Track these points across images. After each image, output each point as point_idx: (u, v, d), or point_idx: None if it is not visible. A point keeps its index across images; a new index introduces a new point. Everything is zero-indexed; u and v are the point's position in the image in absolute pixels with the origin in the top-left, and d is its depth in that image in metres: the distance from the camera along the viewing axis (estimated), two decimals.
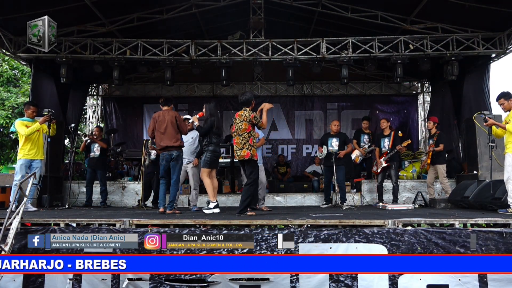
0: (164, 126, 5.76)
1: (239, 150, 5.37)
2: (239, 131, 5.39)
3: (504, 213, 5.11)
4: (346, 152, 7.45)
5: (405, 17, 8.61)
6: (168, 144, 5.73)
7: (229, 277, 4.01)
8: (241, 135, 5.37)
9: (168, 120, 5.78)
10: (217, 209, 5.65)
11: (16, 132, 6.46)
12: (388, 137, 7.53)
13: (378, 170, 7.55)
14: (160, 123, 5.79)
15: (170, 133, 5.75)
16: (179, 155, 5.84)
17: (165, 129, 5.75)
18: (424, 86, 11.95)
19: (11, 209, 4.40)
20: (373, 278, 3.94)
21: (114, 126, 11.72)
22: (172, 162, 5.80)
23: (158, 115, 5.88)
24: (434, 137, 7.53)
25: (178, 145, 5.82)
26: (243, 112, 5.45)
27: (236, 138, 5.41)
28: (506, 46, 8.40)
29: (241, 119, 5.40)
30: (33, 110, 6.49)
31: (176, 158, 5.80)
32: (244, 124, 5.36)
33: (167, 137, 5.74)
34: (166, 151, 5.78)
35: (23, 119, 6.45)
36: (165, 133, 5.75)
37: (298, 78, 10.36)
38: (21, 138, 6.37)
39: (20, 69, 15.12)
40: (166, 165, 5.84)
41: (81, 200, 8.21)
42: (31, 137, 6.31)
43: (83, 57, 8.75)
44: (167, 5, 8.46)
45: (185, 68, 10.36)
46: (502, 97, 5.45)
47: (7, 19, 7.69)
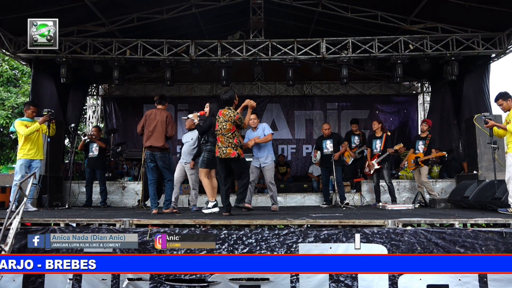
0: (153, 125, 5.71)
1: (224, 148, 5.26)
2: (223, 130, 5.30)
3: (504, 212, 5.11)
4: (339, 153, 7.54)
5: (405, 17, 8.61)
6: (153, 144, 5.68)
7: (229, 277, 4.01)
8: (225, 135, 5.28)
9: (159, 119, 5.73)
10: (216, 209, 5.63)
11: (16, 132, 6.45)
12: (380, 138, 7.58)
13: (370, 172, 7.61)
14: (150, 122, 5.74)
15: (158, 133, 5.70)
16: (163, 156, 5.75)
17: (154, 128, 5.71)
18: (424, 86, 11.95)
19: (11, 209, 4.40)
20: (373, 278, 3.94)
21: (114, 126, 11.73)
22: (160, 164, 5.75)
23: (150, 113, 5.83)
24: (426, 141, 7.66)
25: (162, 146, 5.72)
26: (228, 112, 5.34)
27: (220, 137, 5.32)
28: (506, 46, 8.41)
29: (226, 118, 5.30)
30: (33, 110, 6.49)
31: (160, 159, 5.73)
32: (228, 124, 5.28)
33: (153, 136, 5.69)
34: (150, 151, 5.74)
35: (22, 119, 6.44)
36: (152, 132, 5.70)
37: (298, 78, 10.37)
38: (20, 138, 6.36)
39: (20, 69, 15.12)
40: (150, 164, 5.77)
41: (81, 200, 8.21)
42: (31, 137, 6.31)
43: (83, 57, 8.75)
44: (167, 5, 8.46)
45: (185, 68, 10.36)
46: (500, 97, 5.46)
47: (7, 19, 7.70)
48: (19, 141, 6.41)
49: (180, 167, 6.69)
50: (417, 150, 7.78)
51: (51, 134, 6.59)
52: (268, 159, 6.43)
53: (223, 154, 5.27)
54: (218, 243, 4.13)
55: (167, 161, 5.84)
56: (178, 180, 6.63)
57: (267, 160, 6.41)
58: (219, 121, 5.37)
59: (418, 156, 7.62)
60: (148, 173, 5.91)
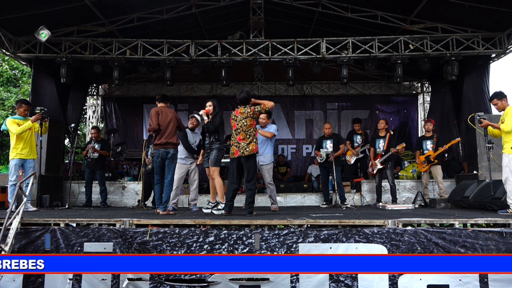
0: (167, 121, 5.68)
1: (246, 145, 5.28)
2: (244, 127, 5.33)
3: (504, 214, 5.11)
4: (337, 154, 7.52)
5: (405, 17, 8.61)
6: (169, 140, 5.66)
7: (229, 277, 4.01)
8: (247, 131, 5.32)
9: (172, 116, 5.73)
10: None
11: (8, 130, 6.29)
12: (383, 138, 7.57)
13: (374, 172, 7.59)
14: (164, 119, 5.68)
15: (172, 130, 5.70)
16: (175, 154, 5.77)
17: (168, 124, 5.67)
18: (424, 86, 11.95)
19: (11, 209, 4.39)
20: (373, 278, 3.94)
21: (114, 126, 11.72)
22: (168, 161, 5.70)
23: (161, 110, 5.75)
24: (434, 139, 7.65)
25: (176, 142, 5.77)
26: (244, 109, 5.39)
27: (241, 134, 5.32)
28: (506, 46, 8.41)
29: (244, 116, 5.35)
30: (25, 108, 6.37)
31: (172, 156, 5.72)
32: (248, 120, 5.34)
33: (169, 133, 5.66)
34: (164, 148, 5.67)
35: (14, 117, 6.31)
36: (167, 128, 5.66)
37: (298, 78, 10.37)
38: (12, 136, 6.20)
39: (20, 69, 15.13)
40: (161, 162, 5.70)
41: (81, 200, 8.21)
42: (23, 136, 6.18)
43: (83, 57, 8.75)
44: (167, 5, 8.46)
45: (185, 68, 10.37)
46: (495, 97, 5.47)
47: (7, 19, 7.69)
48: (11, 140, 6.25)
49: (184, 167, 6.60)
50: (425, 150, 7.73)
51: (44, 133, 6.52)
52: (267, 158, 6.43)
53: (247, 152, 5.27)
54: (218, 243, 4.13)
55: (176, 160, 5.85)
56: (180, 181, 6.60)
57: (266, 159, 6.41)
58: (237, 120, 5.38)
59: (429, 155, 7.58)
60: (155, 173, 5.83)
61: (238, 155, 5.29)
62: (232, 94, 11.45)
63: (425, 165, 7.67)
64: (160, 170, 5.76)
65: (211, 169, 5.84)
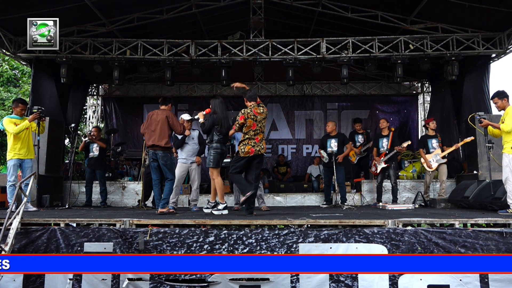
0: (155, 124, 5.77)
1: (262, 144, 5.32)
2: (263, 128, 5.41)
3: (504, 214, 5.10)
4: (344, 155, 7.53)
5: (405, 17, 8.61)
6: (155, 143, 5.72)
7: (229, 277, 4.01)
8: (264, 132, 5.44)
9: (160, 119, 5.77)
10: (226, 211, 5.55)
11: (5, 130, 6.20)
12: (386, 137, 7.56)
13: (377, 171, 7.56)
14: (152, 121, 5.80)
15: (160, 132, 5.73)
16: (164, 156, 5.77)
17: (155, 127, 5.75)
18: (424, 86, 11.95)
19: (11, 209, 4.39)
20: (373, 278, 3.94)
21: (114, 126, 11.72)
22: (161, 162, 5.76)
23: (153, 113, 5.90)
24: (439, 137, 7.60)
25: (164, 146, 5.75)
26: (260, 109, 5.39)
27: (260, 135, 5.34)
28: (506, 46, 8.41)
29: (263, 116, 5.40)
30: (22, 107, 6.33)
31: (161, 158, 5.75)
32: (265, 120, 5.44)
33: (156, 135, 5.73)
34: (152, 150, 5.79)
35: (11, 117, 6.25)
36: (154, 131, 5.75)
37: (298, 78, 10.36)
38: (9, 136, 6.12)
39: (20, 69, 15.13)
40: (153, 164, 5.83)
41: (81, 200, 8.21)
42: (21, 136, 6.11)
43: (83, 57, 8.75)
44: (167, 5, 8.46)
45: (185, 68, 10.36)
46: (496, 96, 5.48)
47: (7, 19, 7.69)
48: (8, 140, 6.18)
49: (184, 166, 6.62)
50: (431, 149, 7.56)
51: (41, 132, 6.49)
52: None
53: (262, 150, 5.33)
54: (218, 243, 4.13)
55: (168, 161, 5.85)
56: (180, 180, 6.60)
57: None
58: (257, 120, 5.32)
59: (436, 154, 7.48)
60: (152, 173, 5.93)
61: (254, 153, 5.25)
62: (232, 94, 11.45)
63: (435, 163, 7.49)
64: (156, 170, 5.85)
65: (210, 170, 5.86)
